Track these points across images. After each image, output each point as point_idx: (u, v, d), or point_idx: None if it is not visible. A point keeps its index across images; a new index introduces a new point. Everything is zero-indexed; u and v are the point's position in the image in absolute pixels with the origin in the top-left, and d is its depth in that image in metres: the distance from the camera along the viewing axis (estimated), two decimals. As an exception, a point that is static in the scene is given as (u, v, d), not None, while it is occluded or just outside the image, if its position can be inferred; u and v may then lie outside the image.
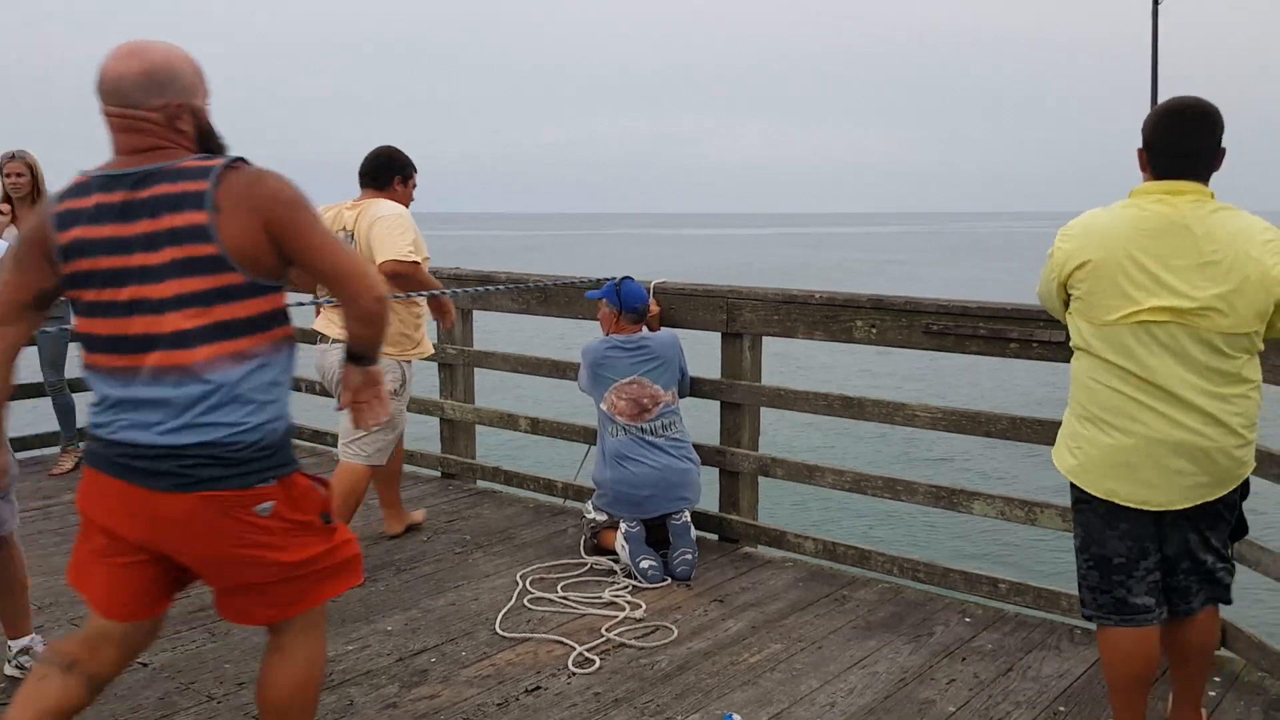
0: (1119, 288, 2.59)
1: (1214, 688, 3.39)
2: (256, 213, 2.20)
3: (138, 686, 3.35)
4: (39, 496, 5.40)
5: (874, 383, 15.78)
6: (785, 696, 3.31)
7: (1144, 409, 2.60)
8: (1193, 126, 2.64)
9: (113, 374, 2.26)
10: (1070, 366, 2.79)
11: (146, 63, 2.24)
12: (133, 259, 2.20)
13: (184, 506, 2.22)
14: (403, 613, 3.96)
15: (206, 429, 2.21)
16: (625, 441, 4.44)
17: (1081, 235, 2.68)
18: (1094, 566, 2.78)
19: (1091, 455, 2.69)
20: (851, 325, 4.28)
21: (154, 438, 2.21)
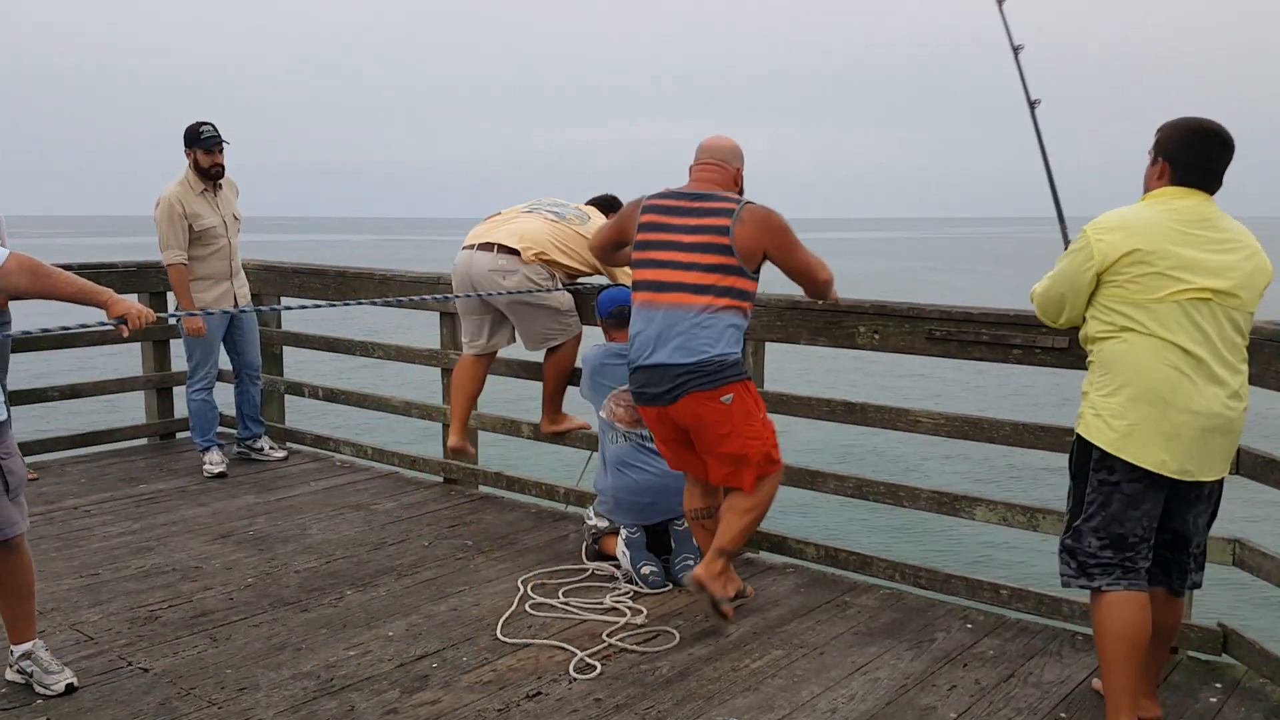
0: (1166, 271, 2.83)
1: (1215, 694, 3.39)
2: (759, 231, 3.71)
3: (138, 692, 3.35)
4: (41, 502, 5.40)
5: (877, 386, 15.78)
6: (787, 702, 3.31)
7: (1190, 383, 2.83)
8: (1219, 151, 2.93)
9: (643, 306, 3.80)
10: (1107, 351, 2.93)
11: (734, 143, 3.98)
12: (681, 237, 3.73)
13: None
14: (404, 618, 3.96)
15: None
16: (625, 448, 4.44)
17: (1122, 228, 2.89)
18: (1109, 545, 2.94)
19: (1142, 428, 2.86)
20: (854, 331, 4.28)
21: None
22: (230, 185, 6.04)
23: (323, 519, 5.19)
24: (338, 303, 5.62)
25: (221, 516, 5.21)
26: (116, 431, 6.76)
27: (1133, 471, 2.90)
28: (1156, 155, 2.98)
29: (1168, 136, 2.95)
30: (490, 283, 4.80)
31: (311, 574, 4.43)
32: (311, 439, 6.60)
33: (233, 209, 6.00)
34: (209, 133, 5.82)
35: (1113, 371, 2.91)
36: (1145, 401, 2.85)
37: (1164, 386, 2.84)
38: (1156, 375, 2.84)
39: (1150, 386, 2.85)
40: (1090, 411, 2.97)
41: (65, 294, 3.24)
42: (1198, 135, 2.92)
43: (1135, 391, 2.87)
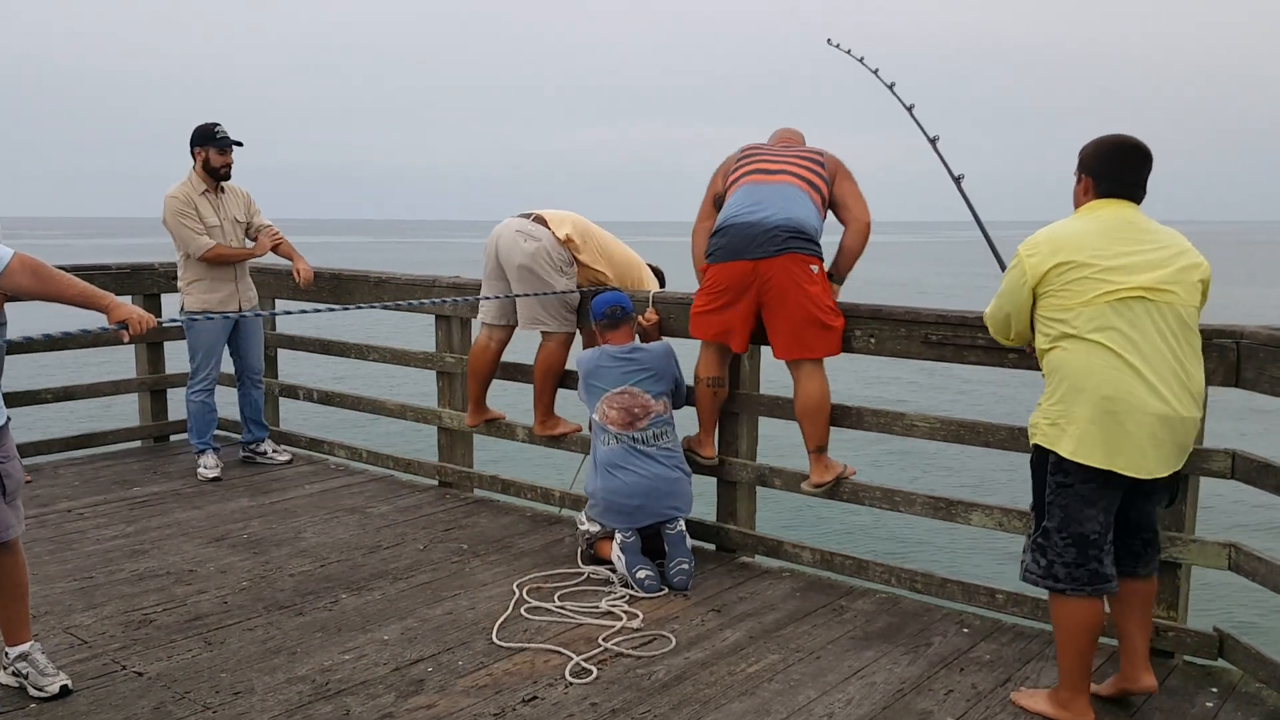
0: (1094, 276, 2.97)
1: (1211, 699, 3.39)
2: (831, 164, 4.43)
3: (132, 696, 3.34)
4: (35, 504, 5.39)
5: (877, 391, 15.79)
6: (783, 707, 3.30)
7: (1133, 381, 2.93)
8: (1139, 163, 3.10)
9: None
10: (1051, 361, 3.06)
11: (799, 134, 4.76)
12: (783, 155, 4.45)
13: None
14: (399, 622, 3.95)
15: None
16: (617, 450, 4.44)
17: (1049, 241, 3.06)
18: (1072, 544, 3.07)
19: (1092, 432, 2.96)
20: (850, 335, 4.28)
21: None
22: (234, 191, 6.04)
23: (317, 522, 5.17)
24: (336, 307, 5.61)
25: (216, 519, 5.19)
26: (110, 434, 6.74)
27: (1085, 472, 3.01)
28: (1080, 173, 3.16)
29: (1089, 154, 3.13)
30: (512, 241, 4.87)
31: (306, 577, 4.41)
32: (306, 442, 6.58)
33: (234, 214, 5.99)
34: (223, 133, 5.88)
35: (1058, 378, 3.04)
36: (1090, 404, 2.96)
37: (1107, 387, 2.94)
38: (1099, 377, 2.95)
39: (1094, 388, 2.95)
40: (1043, 420, 3.09)
41: (66, 296, 3.23)
42: (1117, 149, 3.10)
43: (1081, 396, 2.97)
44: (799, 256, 4.19)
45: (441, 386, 5.80)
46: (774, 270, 4.19)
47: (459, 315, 5.61)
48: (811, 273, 4.20)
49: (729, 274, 4.28)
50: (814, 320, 4.20)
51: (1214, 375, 3.50)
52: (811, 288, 4.19)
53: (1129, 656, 3.28)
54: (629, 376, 4.50)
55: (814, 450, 4.36)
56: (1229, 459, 3.50)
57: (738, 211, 4.29)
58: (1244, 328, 3.48)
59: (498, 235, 4.96)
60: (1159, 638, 3.67)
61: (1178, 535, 3.62)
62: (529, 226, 4.88)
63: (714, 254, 4.35)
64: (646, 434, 4.46)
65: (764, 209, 4.25)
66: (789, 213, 4.22)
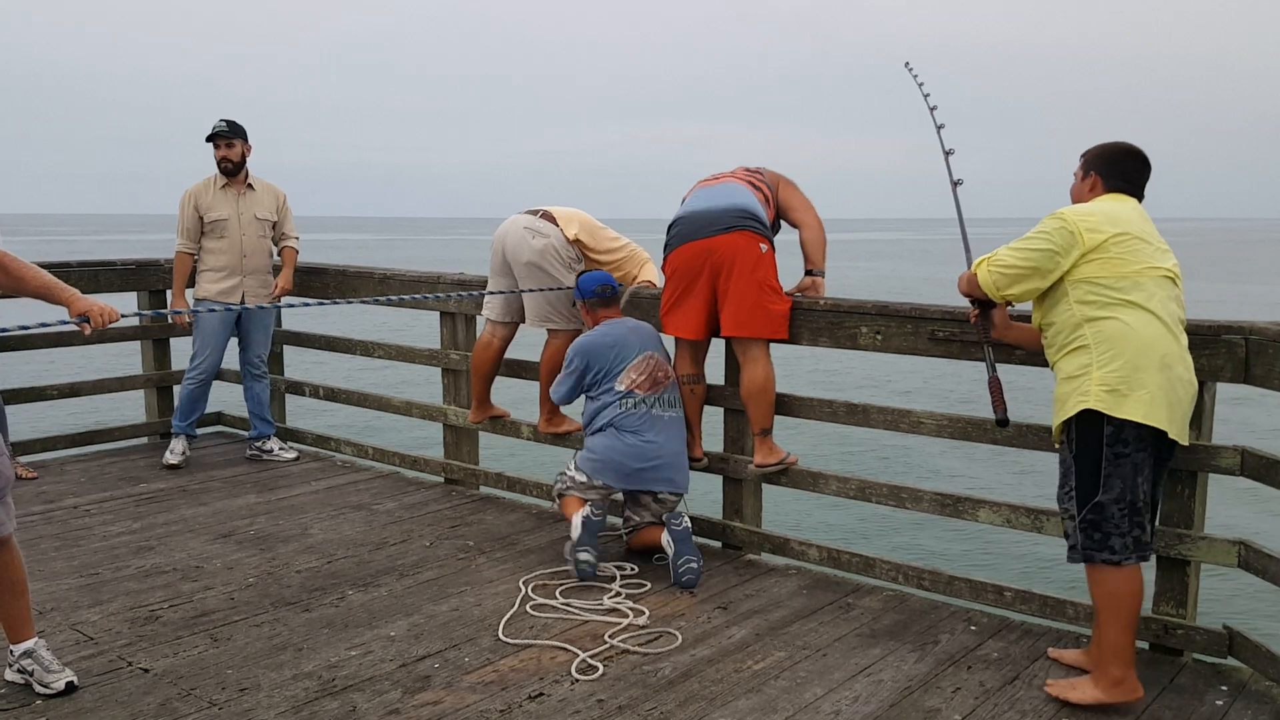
0: (1143, 252, 3.15)
1: (1221, 697, 3.37)
2: (770, 175, 4.69)
3: (138, 692, 3.34)
4: (40, 501, 5.39)
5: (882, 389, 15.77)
6: (789, 704, 3.29)
7: (1179, 351, 3.16)
8: (1142, 168, 3.35)
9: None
10: (1105, 329, 3.12)
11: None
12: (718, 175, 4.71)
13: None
14: (405, 618, 3.95)
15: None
16: (634, 414, 4.47)
17: (1103, 214, 3.19)
18: (1126, 513, 3.16)
19: (1155, 395, 3.09)
20: (856, 332, 4.27)
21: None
22: (267, 190, 6.14)
23: (324, 519, 5.17)
24: (340, 301, 5.60)
25: (222, 516, 5.19)
26: (116, 430, 6.75)
27: (1140, 440, 3.13)
28: (1087, 172, 3.37)
29: (1097, 156, 3.37)
30: (520, 238, 4.87)
31: (313, 574, 4.41)
32: (312, 439, 6.58)
33: (255, 211, 6.05)
34: (217, 127, 5.98)
35: (1116, 346, 3.11)
36: (1154, 369, 3.09)
37: (1168, 356, 3.12)
38: (1160, 347, 3.10)
39: (1157, 356, 3.10)
40: (1100, 387, 3.11)
41: (29, 288, 3.26)
42: (1126, 154, 3.35)
43: (1144, 361, 3.09)
44: (750, 234, 4.40)
45: (446, 383, 5.80)
46: (725, 246, 4.38)
47: (464, 311, 5.61)
48: (761, 251, 4.39)
49: (684, 256, 4.47)
50: (759, 301, 4.37)
51: (1223, 371, 3.48)
52: (759, 268, 4.37)
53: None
54: (648, 344, 4.59)
55: (758, 433, 4.51)
56: (1238, 456, 3.49)
57: (689, 207, 4.56)
58: (1253, 323, 3.46)
59: (505, 232, 4.95)
60: (1168, 635, 3.66)
61: (1187, 532, 3.60)
62: (537, 223, 4.87)
63: (670, 243, 4.57)
64: (665, 398, 4.53)
65: (713, 200, 4.51)
66: (736, 200, 4.48)
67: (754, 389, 4.45)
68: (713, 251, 4.40)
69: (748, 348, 4.45)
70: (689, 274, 4.47)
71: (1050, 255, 3.18)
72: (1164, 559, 3.68)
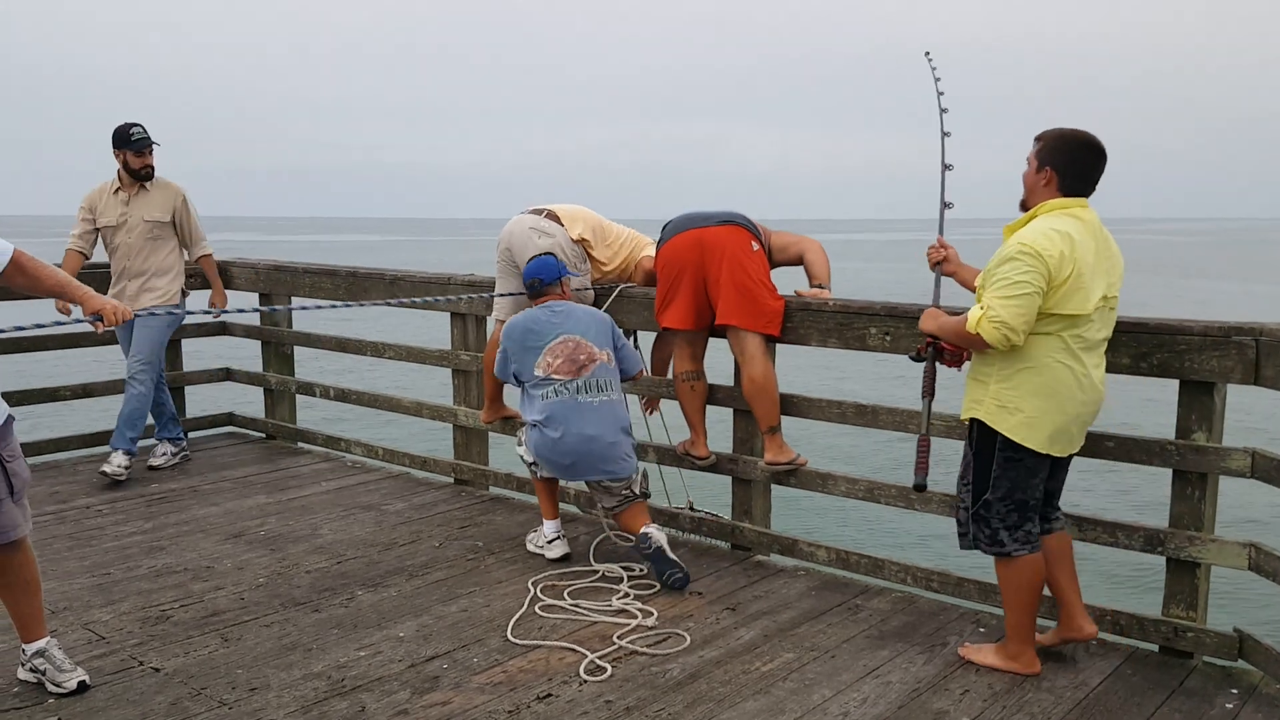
0: (1089, 283, 3.21)
1: (1231, 700, 3.36)
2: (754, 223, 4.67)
3: (149, 692, 3.36)
4: (54, 501, 5.42)
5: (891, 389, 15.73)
6: (798, 706, 3.29)
7: (1077, 378, 3.27)
8: (1099, 162, 3.31)
9: None
10: (1021, 350, 3.26)
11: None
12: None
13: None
14: (414, 619, 3.96)
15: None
16: (555, 403, 4.37)
17: (1065, 244, 3.18)
18: (1014, 509, 3.40)
19: (1040, 419, 3.28)
20: (865, 333, 4.26)
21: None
22: (165, 190, 5.95)
23: (334, 519, 5.19)
24: (351, 303, 5.63)
25: (233, 516, 5.22)
26: (129, 431, 6.76)
27: (1034, 451, 3.34)
28: (1042, 164, 3.30)
29: (1054, 147, 3.28)
30: (525, 238, 4.84)
31: (322, 574, 4.43)
32: (323, 439, 6.61)
33: (145, 213, 5.87)
34: (139, 134, 5.83)
35: (1015, 366, 3.28)
36: (1042, 395, 3.27)
37: (1057, 384, 3.26)
38: (1052, 373, 3.25)
39: (1046, 383, 3.26)
40: (994, 402, 3.34)
41: (45, 287, 3.33)
42: (1085, 148, 3.28)
43: (1034, 386, 3.26)
44: (741, 229, 4.51)
45: (457, 384, 5.81)
46: (715, 237, 4.47)
47: (474, 313, 5.62)
48: (751, 249, 4.47)
49: (675, 246, 4.55)
50: (751, 291, 4.41)
51: (1233, 373, 3.47)
52: (750, 262, 4.45)
53: (1066, 608, 3.59)
54: (574, 327, 4.45)
55: (765, 431, 4.52)
56: (1248, 458, 3.47)
57: (681, 213, 4.69)
58: (1264, 325, 3.44)
59: (510, 232, 4.95)
60: (1178, 638, 3.65)
61: (1197, 534, 3.59)
62: (542, 223, 4.87)
63: (661, 239, 4.65)
64: (590, 381, 4.38)
65: (706, 208, 4.64)
66: (729, 208, 4.62)
67: (753, 388, 4.45)
68: (703, 242, 4.47)
69: (744, 345, 4.45)
70: (678, 264, 4.51)
71: (1038, 292, 3.17)
72: (1174, 561, 3.67)
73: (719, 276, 4.42)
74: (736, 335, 4.48)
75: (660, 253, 4.61)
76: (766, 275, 4.48)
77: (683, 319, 4.55)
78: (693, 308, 4.53)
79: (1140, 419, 11.74)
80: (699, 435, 4.76)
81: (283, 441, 6.80)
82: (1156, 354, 3.60)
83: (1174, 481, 3.66)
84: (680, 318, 4.55)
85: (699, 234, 4.49)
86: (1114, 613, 3.81)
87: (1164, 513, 3.69)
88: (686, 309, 4.53)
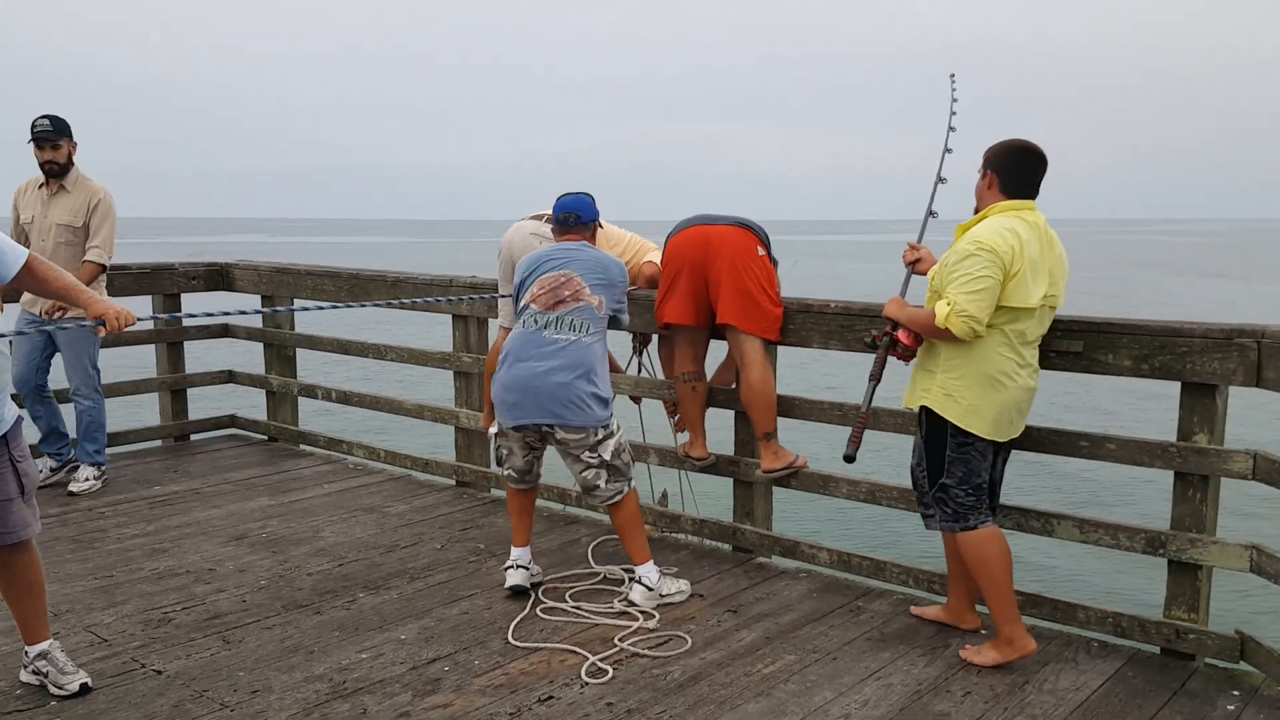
0: (1032, 281, 3.41)
1: (1233, 702, 3.36)
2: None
3: (151, 694, 3.36)
4: (57, 503, 5.43)
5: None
6: (799, 708, 3.29)
7: (1016, 369, 3.50)
8: (1039, 166, 3.53)
9: None
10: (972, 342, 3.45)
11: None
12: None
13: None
14: (416, 621, 3.96)
15: None
16: (522, 335, 4.10)
17: (1015, 241, 3.40)
18: (972, 492, 3.59)
19: (982, 407, 3.50)
20: (867, 334, 4.26)
21: None
22: (82, 190, 5.47)
23: (335, 521, 5.19)
24: (353, 304, 5.62)
25: (235, 519, 5.22)
26: (131, 433, 6.79)
27: (980, 436, 3.56)
28: (986, 170, 3.56)
29: (995, 154, 3.55)
30: (526, 244, 4.81)
31: (324, 576, 4.43)
32: (324, 441, 6.61)
33: (57, 217, 5.43)
34: (42, 127, 5.38)
35: (959, 357, 3.50)
36: (985, 385, 3.48)
37: (999, 374, 3.48)
38: (993, 364, 3.47)
39: (988, 373, 3.48)
40: (940, 390, 3.55)
41: (52, 290, 3.37)
42: (1021, 152, 3.52)
43: (977, 376, 3.48)
44: (747, 233, 4.50)
45: (459, 386, 5.82)
46: (721, 235, 4.47)
47: (476, 315, 5.63)
48: (756, 253, 4.47)
49: (679, 242, 4.55)
50: (751, 294, 4.41)
51: (1235, 375, 3.47)
52: (753, 264, 4.44)
53: (957, 594, 3.89)
54: (576, 266, 4.17)
55: (761, 437, 4.52)
56: (1250, 460, 3.47)
57: (699, 214, 4.68)
58: (1265, 327, 3.44)
59: (511, 239, 4.95)
60: (1179, 639, 3.65)
61: (1198, 536, 3.59)
62: (544, 229, 4.87)
63: (670, 235, 4.65)
64: (565, 318, 4.06)
65: (716, 211, 4.71)
66: (738, 213, 4.64)
67: (751, 394, 4.46)
68: (707, 238, 4.47)
69: (743, 348, 4.45)
70: (681, 259, 4.50)
71: (997, 285, 3.38)
72: (1175, 563, 3.67)
73: (720, 275, 4.42)
74: (735, 337, 4.48)
75: (665, 247, 4.63)
76: (770, 281, 4.48)
77: (682, 314, 4.54)
78: (692, 303, 4.52)
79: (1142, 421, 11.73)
80: (698, 437, 4.75)
81: (285, 444, 6.81)
82: (1158, 356, 3.60)
83: (1175, 483, 3.66)
84: (679, 313, 4.54)
85: (705, 231, 4.50)
86: (1115, 614, 3.80)
87: (1165, 515, 3.70)
88: (686, 304, 4.52)
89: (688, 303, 4.52)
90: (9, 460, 3.24)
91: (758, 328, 4.42)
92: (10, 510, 3.23)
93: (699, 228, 4.53)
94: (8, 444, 3.24)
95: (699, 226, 4.54)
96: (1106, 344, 3.70)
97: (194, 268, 6.85)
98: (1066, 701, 3.36)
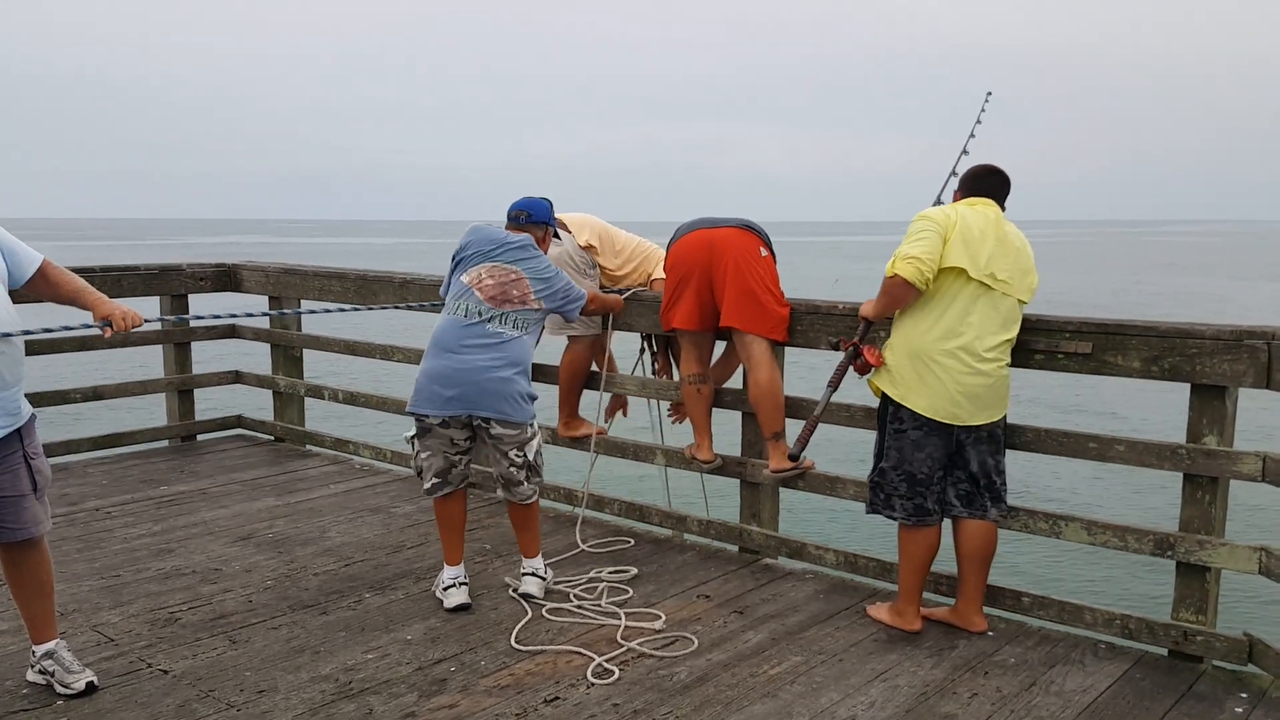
0: (976, 247, 3.61)
1: (1241, 704, 3.34)
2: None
3: (158, 694, 3.36)
4: (64, 503, 5.44)
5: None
6: (805, 709, 3.29)
7: (964, 354, 3.62)
8: (992, 175, 3.84)
9: None
10: (900, 317, 3.73)
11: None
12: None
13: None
14: (422, 622, 3.96)
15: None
16: (458, 324, 4.08)
17: (953, 213, 3.67)
18: (905, 481, 3.77)
19: (912, 384, 3.69)
20: (874, 337, 4.25)
21: None
22: None
23: (342, 522, 5.20)
24: (360, 307, 5.64)
25: (242, 519, 5.23)
26: (138, 433, 6.81)
27: (916, 421, 3.71)
28: (956, 189, 3.89)
29: (964, 177, 3.88)
30: None
31: (330, 577, 4.44)
32: (331, 442, 6.62)
33: None
34: None
35: (900, 335, 3.74)
36: (922, 362, 3.66)
37: (924, 351, 3.65)
38: (919, 342, 3.66)
39: (915, 350, 3.67)
40: (887, 372, 3.77)
41: (64, 293, 3.42)
42: (984, 171, 3.84)
43: (907, 353, 3.70)
44: (750, 234, 4.52)
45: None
46: (725, 238, 4.48)
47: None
48: (760, 254, 4.48)
49: (683, 246, 4.56)
50: (755, 294, 4.42)
51: (1244, 377, 3.46)
52: (757, 265, 4.46)
53: (964, 595, 3.89)
54: (525, 267, 4.20)
55: (769, 437, 4.52)
56: (1260, 461, 3.46)
57: (703, 217, 4.70)
58: (1276, 329, 3.43)
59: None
60: (1187, 641, 3.63)
61: (1207, 538, 3.57)
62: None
63: (673, 240, 4.67)
64: (508, 317, 4.10)
65: (718, 214, 4.70)
66: (741, 215, 4.67)
67: (759, 393, 4.45)
68: (712, 242, 4.47)
69: (750, 349, 4.45)
70: (686, 264, 4.51)
71: (938, 236, 3.62)
72: (1184, 565, 3.66)
73: (724, 278, 4.42)
74: (741, 339, 4.48)
75: (670, 252, 4.63)
76: (774, 281, 4.48)
77: (689, 319, 4.54)
78: (698, 308, 4.52)
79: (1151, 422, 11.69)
80: (704, 439, 4.75)
81: (291, 444, 6.82)
82: (1168, 357, 3.59)
83: (1184, 485, 3.64)
84: (686, 318, 4.54)
85: (708, 234, 4.51)
86: (1123, 617, 3.79)
87: (1174, 516, 3.68)
88: (692, 309, 4.52)
89: (694, 308, 4.52)
90: (23, 456, 3.26)
91: (763, 328, 4.41)
92: (23, 506, 3.25)
93: (701, 232, 4.53)
94: (22, 440, 3.26)
95: (701, 230, 4.54)
96: (1116, 345, 3.69)
97: (202, 269, 6.86)
98: (1074, 704, 3.34)
